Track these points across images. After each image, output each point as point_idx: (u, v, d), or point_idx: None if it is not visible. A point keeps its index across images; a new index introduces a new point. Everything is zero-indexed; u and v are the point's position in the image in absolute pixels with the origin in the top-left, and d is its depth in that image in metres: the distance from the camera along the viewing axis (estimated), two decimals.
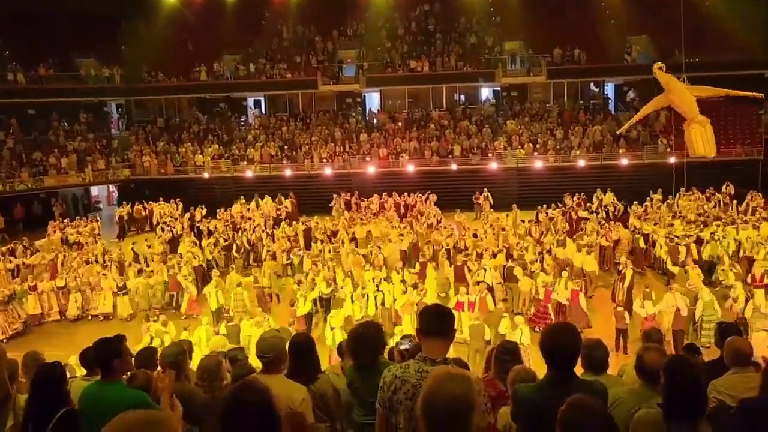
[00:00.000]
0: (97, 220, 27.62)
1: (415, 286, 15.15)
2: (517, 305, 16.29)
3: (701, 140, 18.83)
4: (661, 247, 18.44)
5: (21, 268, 20.30)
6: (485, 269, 16.60)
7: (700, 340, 12.80)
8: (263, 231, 23.19)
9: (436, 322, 3.25)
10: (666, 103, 21.70)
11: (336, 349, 7.88)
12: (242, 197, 29.02)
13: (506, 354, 4.95)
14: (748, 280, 15.41)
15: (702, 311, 13.34)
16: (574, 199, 26.11)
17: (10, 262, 20.60)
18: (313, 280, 16.22)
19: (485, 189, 27.98)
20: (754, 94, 20.26)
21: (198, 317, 15.79)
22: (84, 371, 5.76)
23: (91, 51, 36.95)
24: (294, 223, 24.80)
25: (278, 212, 27.30)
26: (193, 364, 5.61)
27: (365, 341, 3.97)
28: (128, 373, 4.41)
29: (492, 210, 26.48)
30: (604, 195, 26.39)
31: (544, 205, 24.84)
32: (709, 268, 17.61)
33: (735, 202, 25.10)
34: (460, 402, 2.36)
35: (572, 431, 2.66)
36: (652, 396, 3.52)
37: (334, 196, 28.54)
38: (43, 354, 5.95)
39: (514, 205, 25.36)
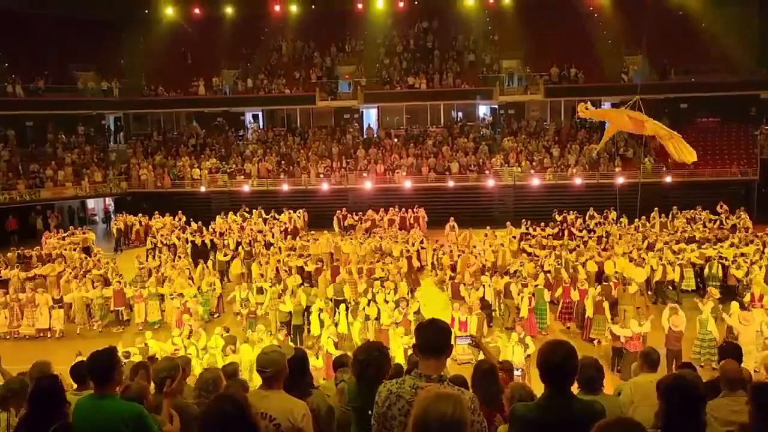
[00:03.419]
0: (84, 233, 26.69)
1: (397, 304, 15.07)
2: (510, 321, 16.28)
3: (675, 150, 19.05)
4: (653, 269, 18.41)
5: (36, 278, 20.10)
6: (483, 286, 16.57)
7: (693, 358, 12.74)
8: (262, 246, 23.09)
9: (432, 338, 3.21)
10: (617, 129, 21.89)
11: (332, 364, 7.83)
12: (219, 214, 29.02)
13: (483, 377, 4.85)
14: (747, 299, 15.38)
15: (697, 330, 13.30)
16: (570, 217, 26.18)
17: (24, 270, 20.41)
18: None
19: (451, 218, 26.21)
20: (673, 132, 20.40)
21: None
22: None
23: (90, 64, 37.11)
24: (289, 237, 24.78)
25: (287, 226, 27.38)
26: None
27: (372, 363, 3.91)
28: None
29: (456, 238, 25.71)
30: (607, 215, 26.44)
31: (527, 221, 25.03)
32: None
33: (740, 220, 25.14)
34: (451, 422, 2.32)
35: None
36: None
37: (289, 211, 28.57)
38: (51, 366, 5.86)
39: (509, 222, 25.43)
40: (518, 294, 16.08)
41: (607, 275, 17.12)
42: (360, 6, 37.89)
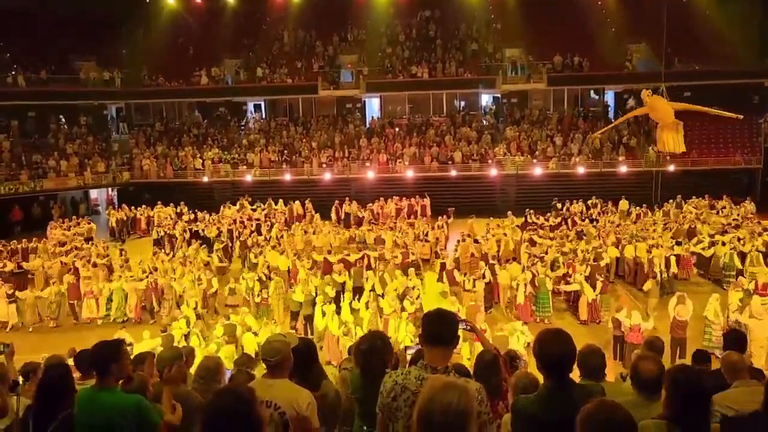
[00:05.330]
0: (88, 223, 27.13)
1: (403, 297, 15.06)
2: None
3: (671, 139, 19.05)
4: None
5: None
6: (489, 273, 16.56)
7: (704, 345, 12.75)
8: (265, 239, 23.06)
9: (438, 329, 3.19)
10: (645, 112, 21.87)
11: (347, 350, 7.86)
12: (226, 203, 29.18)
13: (485, 368, 4.85)
14: (750, 287, 15.33)
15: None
16: (572, 207, 26.15)
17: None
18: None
19: (440, 216, 25.04)
20: (732, 114, 20.36)
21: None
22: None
23: (92, 54, 37.02)
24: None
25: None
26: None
27: (375, 353, 3.92)
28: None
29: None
30: (615, 204, 26.54)
31: (531, 210, 25.01)
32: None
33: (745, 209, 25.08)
34: (456, 412, 2.30)
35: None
36: (649, 406, 3.44)
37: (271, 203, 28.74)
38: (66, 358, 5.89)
39: (510, 212, 25.34)
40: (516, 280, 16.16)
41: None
42: None
